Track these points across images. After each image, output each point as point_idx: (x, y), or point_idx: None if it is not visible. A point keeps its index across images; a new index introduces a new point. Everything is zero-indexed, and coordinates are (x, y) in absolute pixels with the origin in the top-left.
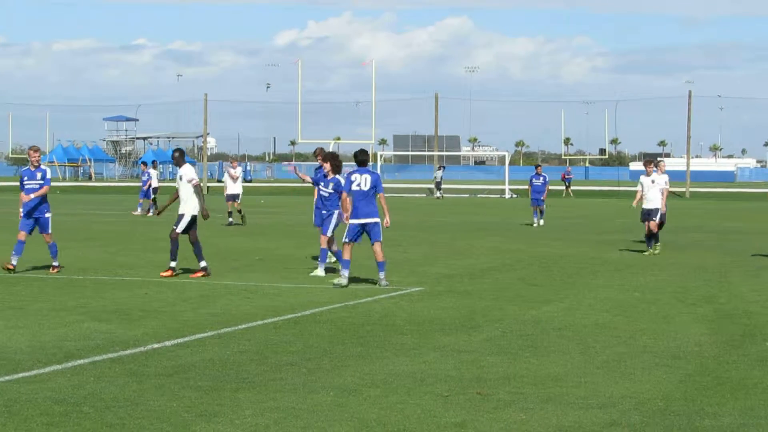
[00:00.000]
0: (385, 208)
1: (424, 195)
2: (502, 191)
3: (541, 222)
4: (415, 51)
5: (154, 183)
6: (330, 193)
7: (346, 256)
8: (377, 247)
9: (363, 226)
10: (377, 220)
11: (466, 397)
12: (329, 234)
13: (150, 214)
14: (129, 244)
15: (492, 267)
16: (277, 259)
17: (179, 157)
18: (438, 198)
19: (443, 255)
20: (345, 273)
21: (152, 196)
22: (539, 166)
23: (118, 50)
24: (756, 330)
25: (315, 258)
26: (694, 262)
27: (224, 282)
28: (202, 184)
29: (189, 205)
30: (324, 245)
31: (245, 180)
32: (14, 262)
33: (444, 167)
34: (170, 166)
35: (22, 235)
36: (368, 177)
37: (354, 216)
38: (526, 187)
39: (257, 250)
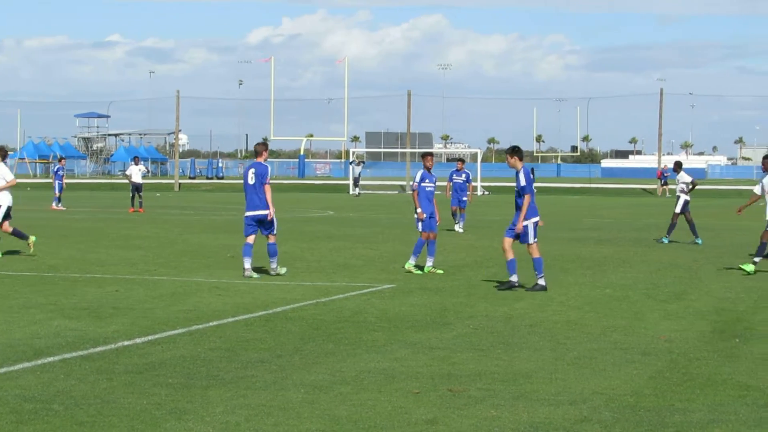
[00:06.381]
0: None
1: (396, 192)
2: (474, 188)
3: (461, 228)
4: (388, 48)
5: (138, 179)
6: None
7: None
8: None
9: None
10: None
11: (437, 393)
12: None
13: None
14: (100, 241)
15: (464, 264)
16: None
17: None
18: (356, 195)
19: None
20: None
21: (136, 193)
22: (461, 161)
23: (90, 47)
24: (726, 326)
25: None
26: (664, 258)
27: (195, 279)
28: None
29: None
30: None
31: (217, 177)
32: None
33: (364, 162)
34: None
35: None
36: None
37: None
38: (445, 184)
39: (229, 247)
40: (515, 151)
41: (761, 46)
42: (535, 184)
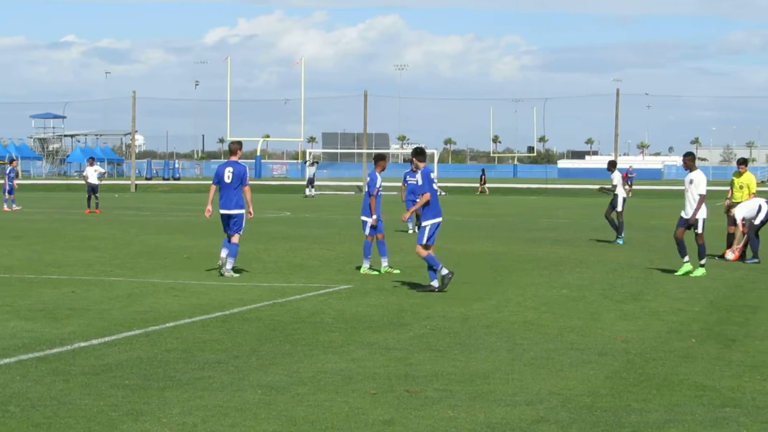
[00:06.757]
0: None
1: (353, 193)
2: None
3: (417, 229)
4: (344, 49)
5: (94, 180)
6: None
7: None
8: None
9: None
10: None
11: (394, 394)
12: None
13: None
14: (56, 242)
15: (421, 264)
16: (204, 257)
17: None
18: (310, 197)
19: (373, 252)
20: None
21: (92, 194)
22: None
23: (46, 47)
24: (682, 327)
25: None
26: (621, 259)
27: (152, 280)
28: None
29: None
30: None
31: (174, 178)
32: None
33: (317, 163)
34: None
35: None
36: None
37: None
38: (400, 184)
39: (185, 248)
40: (417, 153)
41: (718, 47)
42: (489, 185)
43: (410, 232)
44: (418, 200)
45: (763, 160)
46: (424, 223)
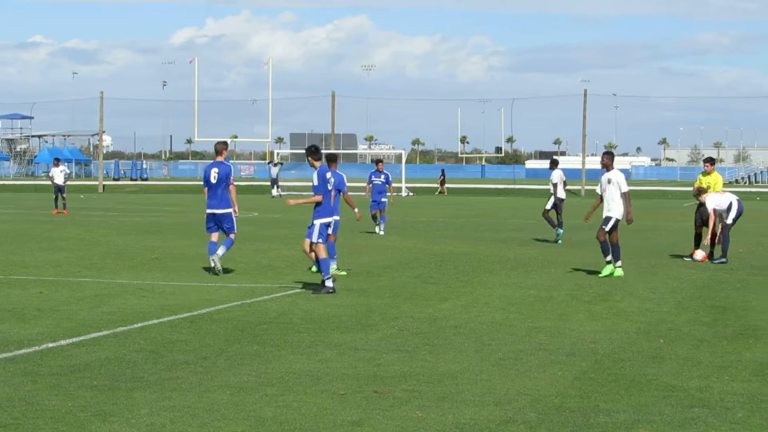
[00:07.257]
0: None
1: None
2: (399, 189)
3: (382, 231)
4: (312, 49)
5: (60, 180)
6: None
7: None
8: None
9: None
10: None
11: (362, 395)
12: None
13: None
14: (24, 243)
15: (388, 265)
16: (172, 257)
17: None
18: (276, 197)
19: (339, 253)
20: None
21: (59, 194)
22: (380, 161)
23: (13, 48)
24: (650, 327)
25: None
26: (588, 259)
27: (120, 281)
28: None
29: None
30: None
31: (142, 178)
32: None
33: (281, 164)
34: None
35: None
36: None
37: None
38: (365, 185)
39: (153, 249)
40: (310, 151)
41: (685, 48)
42: (457, 185)
43: (378, 232)
44: (385, 199)
45: (730, 160)
46: (315, 221)
